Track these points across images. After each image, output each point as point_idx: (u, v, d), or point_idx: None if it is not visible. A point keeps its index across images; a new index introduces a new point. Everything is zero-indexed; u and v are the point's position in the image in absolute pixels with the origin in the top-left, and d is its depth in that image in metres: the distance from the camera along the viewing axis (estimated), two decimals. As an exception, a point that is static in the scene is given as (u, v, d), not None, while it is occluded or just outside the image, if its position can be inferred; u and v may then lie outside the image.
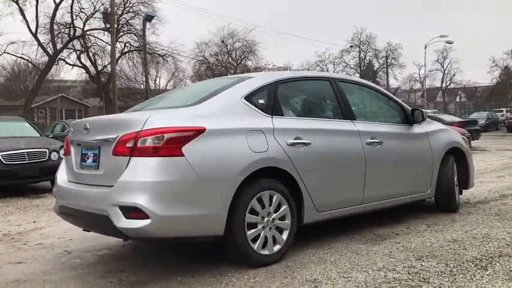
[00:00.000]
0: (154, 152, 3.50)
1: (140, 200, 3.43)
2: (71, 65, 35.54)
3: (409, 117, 5.47)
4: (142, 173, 3.50)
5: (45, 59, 33.36)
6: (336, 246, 4.49)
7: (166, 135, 3.53)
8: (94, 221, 3.78)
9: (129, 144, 3.60)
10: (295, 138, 4.25)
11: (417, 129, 5.54)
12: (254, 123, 4.03)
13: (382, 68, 54.65)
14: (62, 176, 4.33)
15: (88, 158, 4.03)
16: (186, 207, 3.52)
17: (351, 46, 53.50)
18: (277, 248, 4.06)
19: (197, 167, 3.58)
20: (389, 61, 54.05)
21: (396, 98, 5.70)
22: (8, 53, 33.24)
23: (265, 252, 3.97)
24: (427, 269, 3.71)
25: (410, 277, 3.55)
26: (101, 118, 4.29)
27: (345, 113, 4.86)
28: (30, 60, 34.56)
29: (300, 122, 4.40)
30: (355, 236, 4.86)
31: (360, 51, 54.92)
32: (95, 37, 34.44)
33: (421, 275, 3.59)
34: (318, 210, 4.39)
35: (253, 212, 3.91)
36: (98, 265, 4.29)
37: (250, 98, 4.16)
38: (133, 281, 3.78)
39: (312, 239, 4.72)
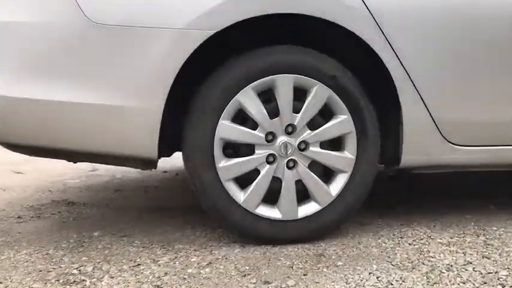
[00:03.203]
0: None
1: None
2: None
3: None
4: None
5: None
6: (465, 229, 1.84)
7: None
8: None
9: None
10: (393, -46, 1.71)
11: None
12: None
13: None
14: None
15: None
16: (56, 85, 1.58)
17: None
18: (308, 210, 1.74)
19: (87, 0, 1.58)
20: None
21: None
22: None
23: (273, 214, 1.72)
24: None
25: None
26: None
27: None
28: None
29: None
30: None
31: None
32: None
33: None
34: (449, 139, 1.80)
35: (244, 119, 1.70)
36: (78, 192, 2.78)
37: None
38: (63, 219, 2.12)
39: (429, 209, 2.14)
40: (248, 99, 1.65)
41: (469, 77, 1.78)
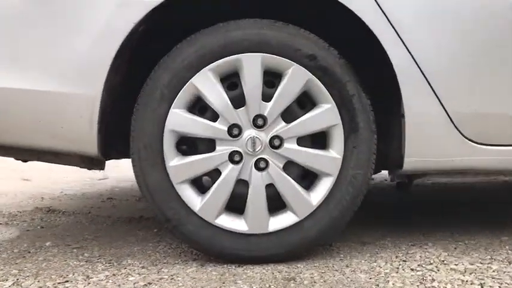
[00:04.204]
0: None
1: None
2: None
3: None
4: None
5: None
6: (493, 254, 1.40)
7: None
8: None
9: None
10: None
11: None
12: None
13: None
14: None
15: None
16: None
17: None
18: (283, 222, 1.40)
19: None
20: None
21: None
22: None
23: (237, 226, 1.40)
24: None
25: None
26: None
27: None
28: None
29: None
30: None
31: None
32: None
33: None
34: (470, 137, 1.39)
35: (204, 109, 1.40)
36: (68, 200, 2.59)
37: None
38: (30, 227, 1.91)
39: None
40: (206, 83, 1.35)
41: (500, 54, 1.38)
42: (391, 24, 1.33)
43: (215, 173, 1.39)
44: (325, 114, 1.38)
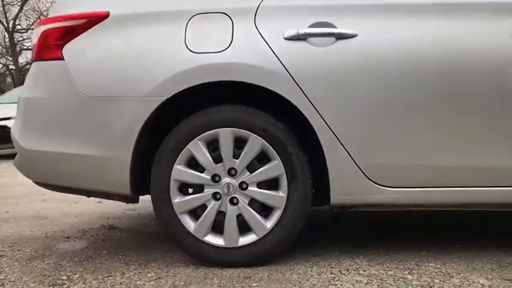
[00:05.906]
0: (35, 54, 2.33)
1: (13, 125, 2.39)
2: None
3: None
4: (24, 85, 2.41)
5: None
6: (400, 264, 1.98)
7: (42, 28, 2.28)
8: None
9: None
10: (314, 25, 2.03)
11: None
12: (213, 1, 2.15)
13: None
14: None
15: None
16: (61, 141, 2.19)
17: None
18: (248, 239, 2.10)
19: (80, 76, 2.16)
20: None
21: None
22: None
23: (218, 241, 2.11)
24: None
25: None
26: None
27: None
28: None
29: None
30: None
31: None
32: None
33: None
34: (377, 182, 2.02)
35: (197, 165, 2.13)
36: (126, 219, 3.41)
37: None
38: (95, 240, 2.74)
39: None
40: (196, 148, 2.09)
41: (391, 126, 2.00)
42: (310, 101, 1.99)
43: (203, 207, 2.11)
44: (274, 167, 2.06)
